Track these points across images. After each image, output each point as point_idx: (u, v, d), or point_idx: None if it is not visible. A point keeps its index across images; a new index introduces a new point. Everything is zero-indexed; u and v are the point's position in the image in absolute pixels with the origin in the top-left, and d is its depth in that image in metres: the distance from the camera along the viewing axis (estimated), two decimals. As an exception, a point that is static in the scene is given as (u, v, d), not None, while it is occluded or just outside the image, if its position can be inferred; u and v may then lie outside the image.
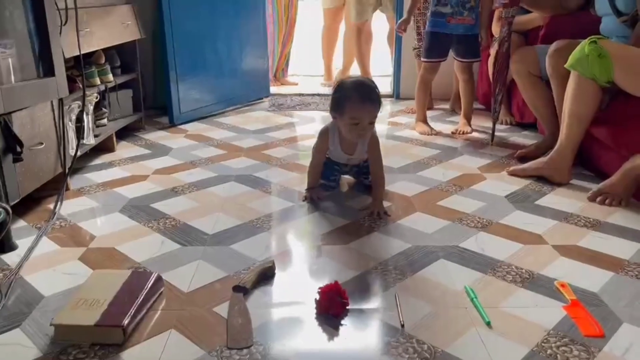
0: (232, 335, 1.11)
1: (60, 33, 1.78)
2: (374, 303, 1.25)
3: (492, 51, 2.80)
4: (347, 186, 2.01)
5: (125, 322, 1.09)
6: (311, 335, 1.14)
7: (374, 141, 1.82)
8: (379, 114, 1.77)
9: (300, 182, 2.04)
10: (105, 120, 2.44)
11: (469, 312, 1.20)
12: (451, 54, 2.71)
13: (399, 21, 2.78)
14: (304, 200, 1.84)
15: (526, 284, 1.31)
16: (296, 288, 1.32)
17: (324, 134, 1.85)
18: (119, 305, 1.14)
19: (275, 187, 2.01)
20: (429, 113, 2.97)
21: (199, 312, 1.21)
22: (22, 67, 1.61)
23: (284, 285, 1.34)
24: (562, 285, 1.29)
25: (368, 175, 1.90)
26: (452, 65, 2.83)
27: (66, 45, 1.89)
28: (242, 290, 1.26)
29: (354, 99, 1.70)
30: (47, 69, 1.70)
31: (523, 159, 2.26)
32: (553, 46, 2.10)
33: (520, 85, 2.38)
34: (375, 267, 1.40)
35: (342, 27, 4.09)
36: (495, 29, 2.76)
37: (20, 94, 1.57)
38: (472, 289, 1.27)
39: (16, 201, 1.60)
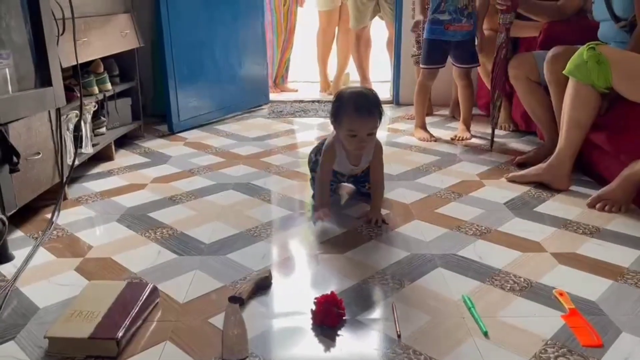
0: (228, 346, 1.11)
1: (57, 43, 1.79)
2: (370, 313, 1.24)
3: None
4: (345, 195, 2.00)
5: (119, 334, 1.08)
6: (307, 346, 1.13)
7: (378, 148, 1.78)
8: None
9: (299, 190, 2.04)
10: (103, 129, 2.44)
11: (467, 321, 1.19)
12: (449, 60, 2.71)
13: (414, 21, 2.78)
14: (313, 220, 1.75)
15: (524, 293, 1.30)
16: (293, 298, 1.32)
17: (330, 151, 1.77)
18: (113, 317, 1.13)
19: (274, 195, 2.00)
20: (428, 119, 2.97)
21: (195, 323, 1.20)
22: (19, 77, 1.61)
23: (281, 295, 1.33)
24: (561, 294, 1.28)
25: (365, 183, 1.88)
26: (451, 71, 2.82)
27: (63, 54, 1.89)
28: (238, 301, 1.25)
29: (350, 110, 1.66)
30: (44, 79, 1.70)
31: (522, 165, 2.26)
32: (551, 52, 2.10)
33: (519, 91, 2.37)
34: (372, 276, 1.39)
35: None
36: (486, 25, 2.75)
37: (17, 104, 1.57)
38: (470, 298, 1.26)
39: (13, 211, 1.59)
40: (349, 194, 2.00)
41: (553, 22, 2.43)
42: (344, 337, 1.15)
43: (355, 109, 1.66)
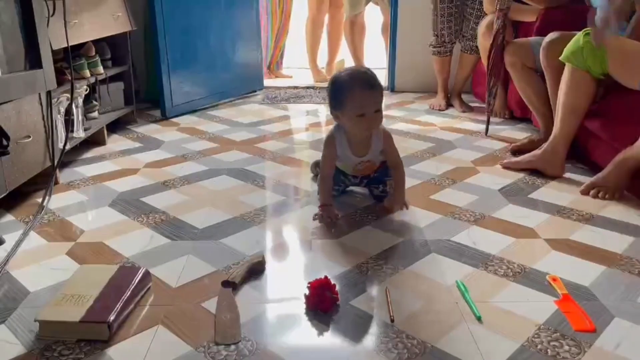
0: (220, 330, 1.10)
1: (47, 24, 1.76)
2: (364, 298, 1.23)
3: (481, 29, 2.74)
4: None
5: (111, 318, 1.07)
6: (300, 330, 1.13)
7: (387, 136, 1.67)
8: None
9: (293, 176, 2.03)
10: (95, 113, 2.41)
11: (460, 306, 1.19)
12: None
13: None
14: (314, 219, 1.63)
15: (518, 278, 1.30)
16: (286, 283, 1.31)
17: (329, 140, 1.65)
18: (105, 301, 1.12)
19: (268, 181, 1.99)
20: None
21: (187, 307, 1.19)
22: (8, 59, 1.58)
23: (274, 280, 1.32)
24: (554, 280, 1.28)
25: (379, 185, 1.76)
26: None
27: (54, 36, 1.86)
28: (231, 286, 1.25)
29: (353, 88, 1.55)
30: (35, 61, 1.68)
31: (517, 152, 2.25)
32: (547, 38, 2.09)
33: (515, 78, 2.36)
34: (366, 262, 1.39)
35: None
36: (488, 7, 2.72)
37: (7, 86, 1.55)
38: (463, 284, 1.26)
39: (3, 195, 1.58)
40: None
41: (550, 8, 2.41)
42: (337, 322, 1.15)
43: (358, 85, 1.55)
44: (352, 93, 1.55)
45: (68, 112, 2.04)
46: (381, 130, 1.67)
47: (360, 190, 1.85)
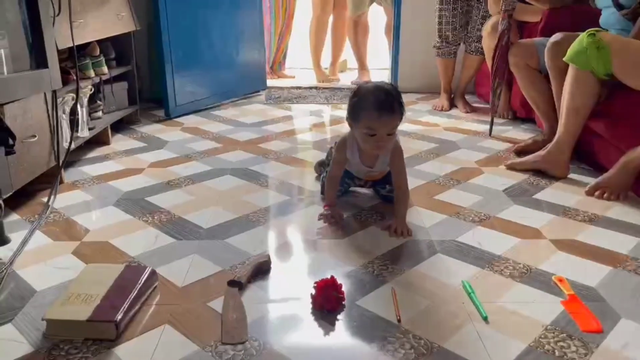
0: (227, 330, 1.10)
1: (53, 24, 1.76)
2: (370, 298, 1.23)
3: (486, 29, 2.73)
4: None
5: (118, 317, 1.07)
6: (307, 330, 1.13)
7: (398, 152, 1.63)
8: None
9: (297, 176, 2.03)
10: (100, 113, 2.41)
11: (466, 307, 1.19)
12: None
13: None
14: (319, 219, 1.62)
15: (524, 279, 1.30)
16: (292, 283, 1.31)
17: (342, 144, 1.65)
18: (111, 300, 1.12)
19: (272, 181, 1.99)
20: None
21: (193, 307, 1.19)
22: (14, 59, 1.58)
23: (280, 279, 1.32)
24: (560, 280, 1.28)
25: (385, 185, 1.74)
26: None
27: (59, 36, 1.86)
28: (237, 285, 1.25)
29: (370, 107, 1.51)
30: (40, 61, 1.68)
31: (521, 153, 2.25)
32: (552, 39, 2.08)
33: (519, 79, 2.36)
34: (372, 262, 1.39)
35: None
36: (493, 7, 2.72)
37: (13, 85, 1.55)
38: (469, 284, 1.26)
39: (9, 194, 1.58)
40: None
41: (554, 8, 2.41)
42: (344, 322, 1.15)
43: (375, 105, 1.50)
44: (369, 112, 1.52)
45: (73, 112, 2.04)
46: (392, 143, 1.62)
47: (365, 191, 1.85)
